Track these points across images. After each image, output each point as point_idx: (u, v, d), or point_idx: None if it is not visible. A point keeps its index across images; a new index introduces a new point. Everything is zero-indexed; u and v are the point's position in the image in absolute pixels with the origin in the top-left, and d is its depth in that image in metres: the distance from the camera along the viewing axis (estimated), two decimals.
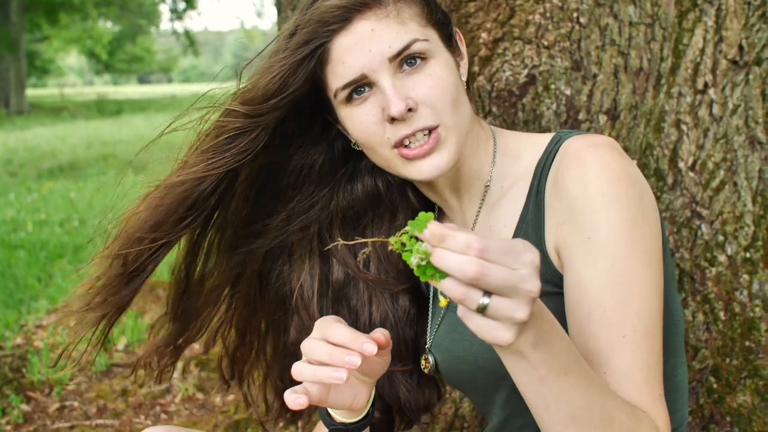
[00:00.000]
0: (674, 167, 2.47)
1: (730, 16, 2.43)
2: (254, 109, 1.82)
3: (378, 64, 1.73)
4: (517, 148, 1.91)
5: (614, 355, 1.59)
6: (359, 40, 1.73)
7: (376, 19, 1.73)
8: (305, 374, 1.59)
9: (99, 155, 18.12)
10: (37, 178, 15.01)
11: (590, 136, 1.75)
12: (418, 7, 1.78)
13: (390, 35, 1.72)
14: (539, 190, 1.77)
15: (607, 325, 1.60)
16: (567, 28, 2.58)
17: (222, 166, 1.85)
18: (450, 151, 1.77)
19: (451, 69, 1.79)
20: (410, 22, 1.74)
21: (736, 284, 2.40)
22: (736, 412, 2.32)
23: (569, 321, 1.67)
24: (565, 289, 1.69)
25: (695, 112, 2.45)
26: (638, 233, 1.62)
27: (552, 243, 1.72)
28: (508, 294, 1.22)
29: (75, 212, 10.78)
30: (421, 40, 1.73)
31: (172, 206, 1.87)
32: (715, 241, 2.42)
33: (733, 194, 2.41)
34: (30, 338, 5.11)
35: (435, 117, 1.74)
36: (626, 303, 1.60)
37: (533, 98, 2.59)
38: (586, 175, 1.63)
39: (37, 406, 4.05)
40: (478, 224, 1.94)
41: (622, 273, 1.60)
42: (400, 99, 1.71)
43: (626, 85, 2.57)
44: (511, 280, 1.21)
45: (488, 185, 1.92)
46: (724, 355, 2.39)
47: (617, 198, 1.61)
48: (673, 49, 2.50)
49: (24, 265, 7.71)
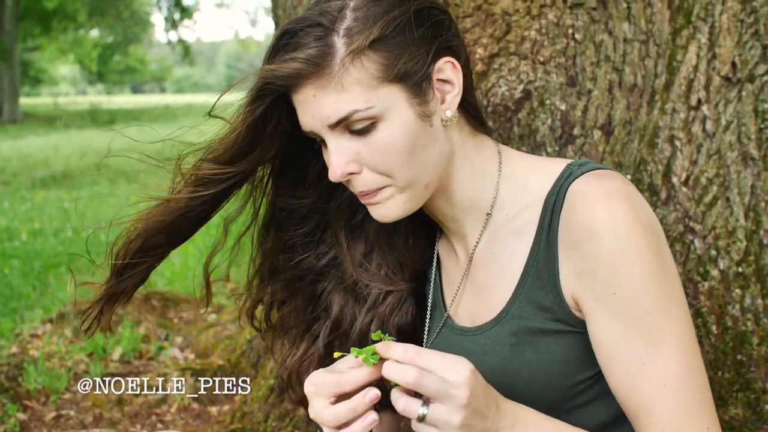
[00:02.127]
0: (668, 182, 2.50)
1: (724, 34, 2.46)
2: (226, 166, 1.84)
3: (320, 128, 1.70)
4: (524, 174, 1.87)
5: (655, 406, 1.62)
6: (305, 101, 1.70)
7: (318, 86, 1.66)
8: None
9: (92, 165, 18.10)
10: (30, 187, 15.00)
11: (600, 177, 1.71)
12: (375, 64, 1.66)
13: (328, 105, 1.66)
14: (551, 228, 1.74)
15: (647, 377, 1.62)
16: (562, 44, 2.61)
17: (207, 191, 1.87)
18: (399, 205, 1.77)
19: (408, 127, 1.69)
20: (355, 88, 1.65)
21: (729, 298, 2.43)
22: (728, 425, 2.35)
23: (608, 378, 1.70)
24: (593, 343, 1.70)
25: (689, 128, 2.48)
26: (661, 280, 1.63)
27: (569, 290, 1.71)
28: (442, 400, 1.45)
29: (68, 222, 10.78)
30: (362, 110, 1.65)
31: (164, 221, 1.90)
32: (708, 255, 2.45)
33: (725, 209, 2.44)
34: (25, 347, 5.11)
35: (380, 180, 1.73)
36: (662, 352, 1.62)
37: (528, 113, 2.62)
38: (602, 233, 1.62)
39: (34, 415, 4.05)
40: (480, 249, 1.92)
41: (653, 324, 1.62)
42: (339, 166, 1.70)
43: (620, 100, 2.60)
44: (443, 387, 1.44)
45: (490, 213, 1.88)
46: (717, 369, 2.41)
47: (637, 254, 1.61)
48: (667, 65, 2.54)
49: (18, 274, 7.72)
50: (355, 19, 1.67)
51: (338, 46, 1.65)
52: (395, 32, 1.68)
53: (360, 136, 1.68)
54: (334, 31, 1.66)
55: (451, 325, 1.97)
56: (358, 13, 1.67)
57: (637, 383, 1.63)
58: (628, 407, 1.67)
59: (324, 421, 1.61)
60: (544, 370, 1.75)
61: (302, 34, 1.68)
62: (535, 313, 1.76)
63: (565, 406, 1.74)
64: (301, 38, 1.68)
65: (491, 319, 1.84)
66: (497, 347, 1.81)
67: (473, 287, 1.93)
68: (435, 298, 2.06)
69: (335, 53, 1.64)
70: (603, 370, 1.70)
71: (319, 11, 1.69)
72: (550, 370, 1.75)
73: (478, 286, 1.92)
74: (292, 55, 1.66)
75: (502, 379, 1.73)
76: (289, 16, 3.28)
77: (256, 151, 1.83)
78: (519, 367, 1.77)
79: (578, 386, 1.76)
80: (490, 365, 1.77)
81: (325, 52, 1.65)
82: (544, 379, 1.76)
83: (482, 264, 1.90)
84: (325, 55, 1.64)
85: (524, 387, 1.73)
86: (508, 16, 2.62)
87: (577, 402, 1.78)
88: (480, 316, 1.89)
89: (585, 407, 1.78)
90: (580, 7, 2.60)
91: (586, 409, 1.78)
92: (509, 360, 1.79)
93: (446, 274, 2.06)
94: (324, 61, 1.64)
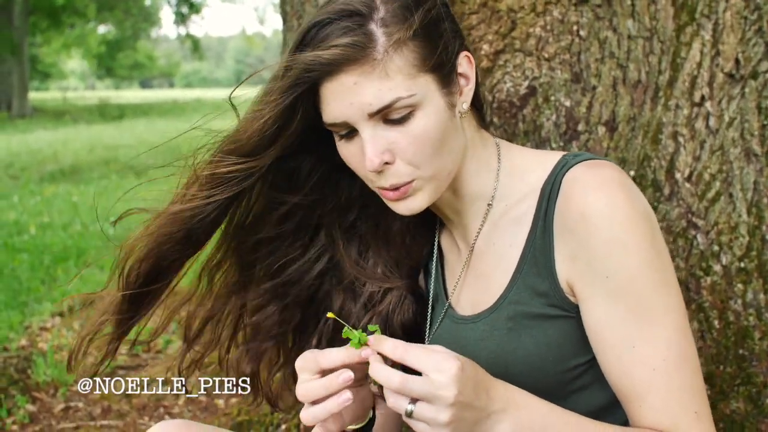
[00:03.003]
0: (671, 178, 2.52)
1: (727, 31, 2.48)
2: (248, 158, 1.83)
3: (358, 117, 1.69)
4: (522, 166, 1.90)
5: (646, 390, 1.65)
6: (342, 90, 1.69)
7: (361, 73, 1.66)
8: (317, 415, 1.62)
9: (101, 159, 18.14)
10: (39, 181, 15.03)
11: (595, 166, 1.74)
12: (414, 53, 1.69)
13: (372, 92, 1.66)
14: (547, 216, 1.77)
15: (638, 361, 1.65)
16: (567, 40, 2.63)
17: (219, 197, 1.85)
18: (425, 196, 1.78)
19: (440, 116, 1.73)
20: (398, 76, 1.67)
21: (731, 293, 2.45)
22: (729, 419, 2.37)
23: (601, 362, 1.73)
24: (586, 327, 1.73)
25: (692, 124, 2.51)
26: (654, 267, 1.65)
27: (564, 275, 1.74)
28: (429, 400, 1.47)
29: (77, 216, 10.81)
30: (405, 97, 1.67)
31: (172, 231, 1.89)
32: (711, 251, 2.47)
33: (728, 205, 2.46)
34: (34, 340, 5.15)
35: (411, 172, 1.74)
36: (653, 336, 1.65)
37: (533, 109, 2.65)
38: (596, 218, 1.65)
39: (43, 407, 4.10)
40: (480, 239, 1.95)
41: (645, 309, 1.65)
42: (375, 155, 1.70)
43: (625, 97, 2.62)
44: (429, 388, 1.46)
45: (491, 204, 1.92)
46: (718, 363, 2.44)
47: (629, 239, 1.64)
48: (671, 62, 2.56)
49: (27, 267, 7.75)
50: (387, 11, 1.69)
51: (378, 34, 1.67)
52: (432, 24, 1.73)
53: (396, 126, 1.70)
54: (371, 20, 1.68)
55: (452, 315, 2.00)
56: (389, 5, 1.70)
57: (627, 367, 1.66)
58: (619, 390, 1.70)
59: (298, 395, 1.64)
60: (540, 354, 1.78)
61: (338, 23, 1.69)
62: (531, 299, 1.79)
63: (562, 392, 1.77)
64: (337, 27, 1.69)
65: (490, 305, 1.87)
66: (495, 332, 1.84)
67: (474, 276, 1.96)
68: (437, 290, 2.09)
69: (377, 41, 1.66)
70: (596, 354, 1.73)
71: (347, 2, 1.71)
72: (545, 354, 1.78)
73: (478, 275, 1.95)
74: (334, 41, 1.67)
75: (498, 364, 1.76)
76: (296, 12, 3.30)
77: (279, 141, 1.82)
78: (515, 351, 1.80)
79: (574, 371, 1.79)
80: (487, 350, 1.79)
81: (368, 40, 1.66)
82: (540, 364, 1.78)
83: (482, 253, 1.94)
84: (368, 42, 1.66)
85: (520, 372, 1.75)
86: (513, 13, 2.64)
87: (572, 387, 1.80)
88: (480, 304, 1.91)
89: (581, 392, 1.81)
90: (585, 4, 2.62)
91: (582, 394, 1.81)
92: (506, 344, 1.81)
93: (448, 266, 2.08)
94: (367, 48, 1.66)
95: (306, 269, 2.14)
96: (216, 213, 1.89)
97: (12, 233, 9.71)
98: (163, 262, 1.93)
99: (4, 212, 11.33)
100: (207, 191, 1.85)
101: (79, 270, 1.76)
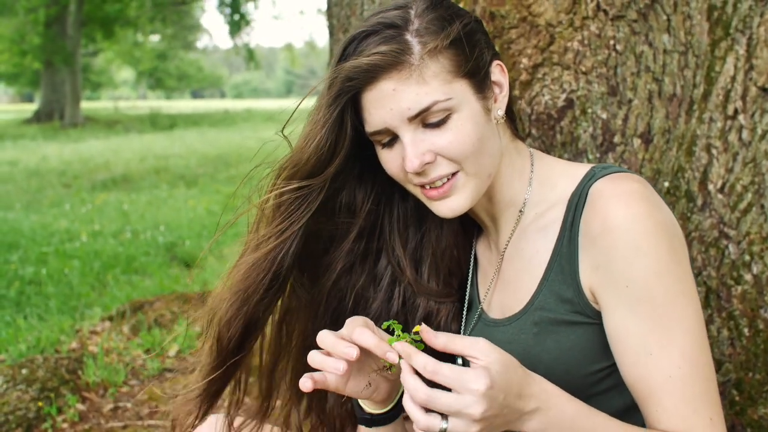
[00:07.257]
0: (704, 189, 2.57)
1: (761, 45, 2.52)
2: (310, 179, 1.90)
3: (398, 122, 1.79)
4: (553, 175, 1.98)
5: (662, 395, 1.73)
6: (382, 97, 1.79)
7: (399, 79, 1.76)
8: (314, 360, 1.74)
9: (152, 168, 18.33)
10: (90, 189, 15.25)
11: (620, 179, 1.81)
12: (449, 60, 1.80)
13: (410, 97, 1.76)
14: (573, 225, 1.85)
15: (654, 367, 1.73)
16: (604, 54, 2.68)
17: (293, 228, 1.92)
18: (467, 194, 1.86)
19: (477, 119, 1.83)
20: (434, 81, 1.77)
21: (761, 302, 2.49)
22: (757, 424, 2.41)
23: (620, 366, 1.81)
24: (607, 333, 1.81)
25: (725, 137, 2.55)
26: (673, 277, 1.72)
27: (587, 283, 1.82)
28: (457, 417, 1.53)
29: (128, 224, 10.95)
30: (442, 101, 1.77)
31: (257, 280, 1.93)
32: (742, 260, 2.51)
33: (759, 216, 2.50)
34: (85, 343, 5.27)
35: (454, 166, 1.83)
36: (670, 345, 1.72)
37: (571, 121, 2.70)
38: (618, 229, 1.72)
39: (92, 406, 4.21)
40: (510, 246, 2.03)
41: (663, 317, 1.72)
42: (416, 156, 1.79)
43: (660, 110, 2.67)
44: (456, 406, 1.51)
45: (522, 211, 2.00)
46: (747, 370, 2.47)
47: (650, 249, 1.71)
48: (705, 76, 2.60)
49: (78, 273, 7.90)
50: (422, 23, 1.81)
51: (413, 43, 1.78)
52: (466, 34, 1.83)
53: (435, 129, 1.80)
54: (407, 31, 1.80)
55: (485, 318, 2.07)
56: (422, 18, 1.81)
57: (644, 372, 1.74)
58: (637, 394, 1.77)
59: (318, 336, 1.75)
60: (563, 359, 1.86)
61: (376, 35, 1.81)
62: (557, 305, 1.86)
63: (583, 395, 1.81)
64: (375, 38, 1.80)
65: (519, 310, 1.95)
66: (522, 336, 1.92)
67: (504, 281, 2.04)
68: (471, 294, 2.16)
69: (412, 48, 1.77)
70: (615, 359, 1.80)
71: (384, 17, 1.83)
72: (569, 358, 1.85)
73: (507, 280, 2.02)
74: (372, 50, 1.78)
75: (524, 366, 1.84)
76: (342, 25, 3.38)
77: (336, 157, 1.90)
78: (540, 355, 1.88)
79: (596, 375, 1.86)
80: (514, 354, 1.86)
81: (404, 48, 1.77)
82: (564, 367, 1.86)
83: (512, 259, 2.01)
84: (404, 50, 1.77)
85: (545, 374, 1.81)
86: (551, 28, 2.69)
87: (593, 390, 1.88)
88: (509, 308, 1.99)
89: (601, 396, 1.88)
90: (622, 19, 2.67)
91: (602, 397, 1.88)
92: (532, 348, 1.89)
93: (481, 271, 2.16)
94: (404, 55, 1.77)
95: (386, 300, 2.20)
96: (295, 244, 1.94)
97: (64, 240, 9.88)
98: (256, 314, 1.98)
99: (56, 220, 11.52)
100: (278, 225, 1.93)
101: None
